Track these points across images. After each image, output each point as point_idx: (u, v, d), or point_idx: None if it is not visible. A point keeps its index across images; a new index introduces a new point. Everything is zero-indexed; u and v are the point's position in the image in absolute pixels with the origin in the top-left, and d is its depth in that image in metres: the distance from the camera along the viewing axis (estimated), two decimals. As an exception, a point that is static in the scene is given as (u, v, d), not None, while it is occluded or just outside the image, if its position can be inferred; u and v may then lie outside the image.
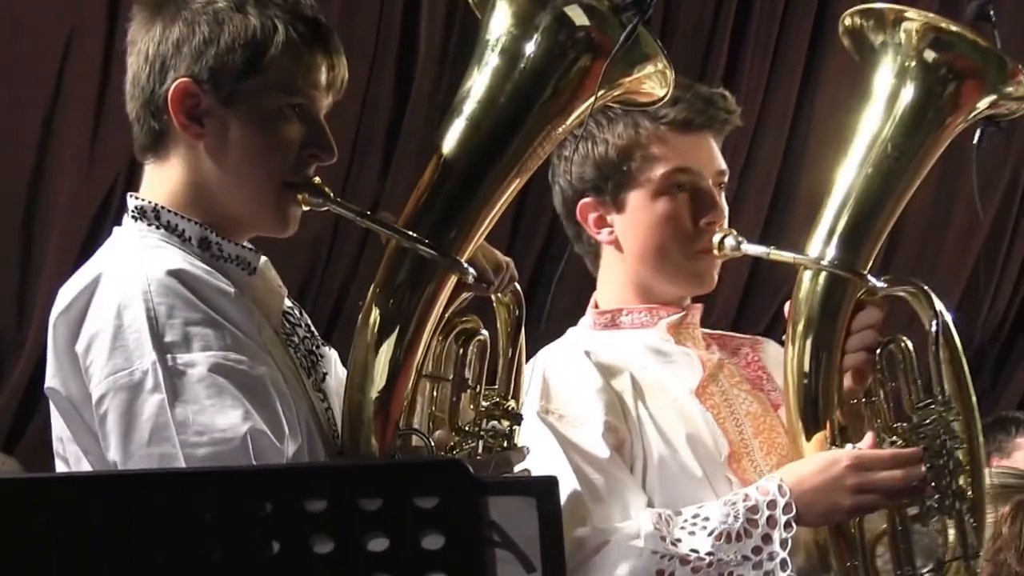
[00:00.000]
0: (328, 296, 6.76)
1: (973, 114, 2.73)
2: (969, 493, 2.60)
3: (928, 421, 2.60)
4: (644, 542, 2.49)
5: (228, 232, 2.30)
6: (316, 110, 2.29)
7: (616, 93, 2.44)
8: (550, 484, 1.67)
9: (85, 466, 2.21)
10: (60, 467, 2.28)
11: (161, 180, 2.31)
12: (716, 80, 7.27)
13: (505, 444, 2.36)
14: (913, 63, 2.68)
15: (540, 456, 2.51)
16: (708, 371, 2.72)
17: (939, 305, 2.64)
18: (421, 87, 6.77)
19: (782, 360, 2.76)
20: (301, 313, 2.48)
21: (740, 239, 2.68)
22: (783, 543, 2.50)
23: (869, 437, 2.60)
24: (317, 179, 2.29)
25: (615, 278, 2.80)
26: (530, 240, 6.80)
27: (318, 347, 2.44)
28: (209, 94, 2.24)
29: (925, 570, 2.63)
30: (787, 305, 2.68)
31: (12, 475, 2.08)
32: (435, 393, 2.41)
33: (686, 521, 2.53)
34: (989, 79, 2.69)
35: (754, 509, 2.52)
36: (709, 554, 2.49)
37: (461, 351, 2.43)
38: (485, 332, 2.46)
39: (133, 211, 2.32)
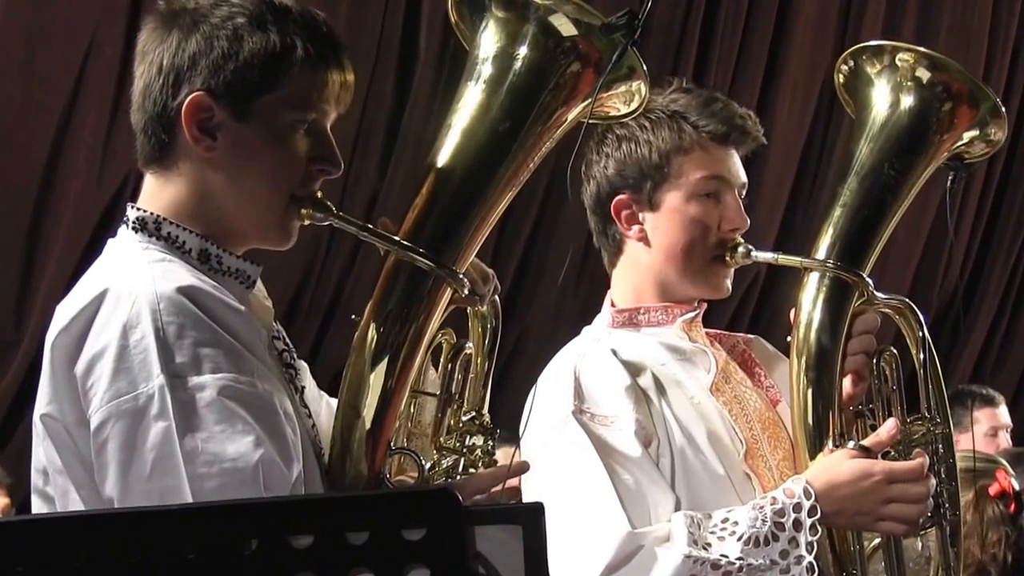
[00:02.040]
0: (327, 288, 6.70)
1: (959, 143, 2.72)
2: (954, 513, 2.61)
3: (918, 435, 2.60)
4: (677, 547, 2.40)
5: (227, 243, 2.11)
6: (325, 125, 2.14)
7: (604, 108, 2.35)
8: (535, 511, 1.54)
9: (73, 501, 1.99)
10: (38, 504, 2.07)
11: (163, 191, 2.12)
12: (687, 76, 7.29)
13: (486, 460, 2.24)
14: (910, 82, 2.69)
15: (574, 456, 2.48)
16: (720, 367, 2.67)
17: (924, 324, 2.65)
18: (420, 88, 6.76)
19: (772, 354, 2.80)
20: (278, 326, 2.28)
21: (749, 247, 2.66)
22: (809, 546, 2.43)
23: (892, 423, 2.57)
24: (320, 193, 2.14)
25: (635, 274, 2.72)
26: (514, 239, 6.83)
27: (294, 360, 2.24)
28: (223, 108, 2.07)
29: (914, 587, 2.60)
30: (792, 312, 2.67)
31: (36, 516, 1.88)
32: (411, 409, 2.28)
33: (715, 525, 2.44)
34: (981, 111, 2.70)
35: (780, 512, 2.44)
36: (739, 559, 2.40)
37: (450, 365, 2.31)
38: (470, 346, 2.34)
39: (134, 222, 2.11)
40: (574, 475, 2.47)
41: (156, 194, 2.13)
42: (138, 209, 2.12)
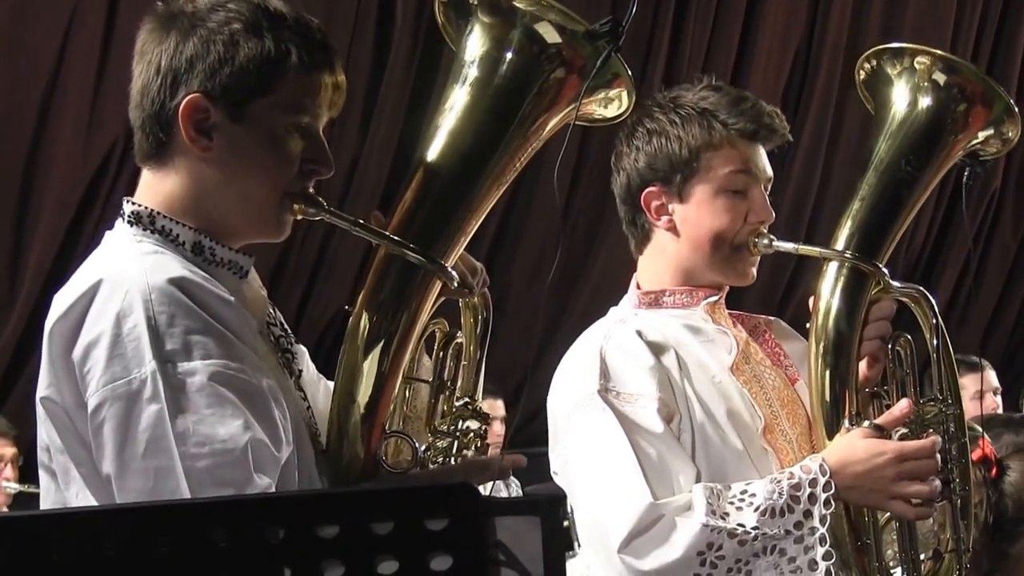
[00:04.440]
0: (311, 248, 6.72)
1: (974, 142, 2.78)
2: (964, 488, 2.67)
3: (930, 415, 2.67)
4: (696, 516, 2.46)
5: (222, 238, 2.15)
6: (318, 127, 2.17)
7: (588, 109, 2.38)
8: (554, 502, 1.57)
9: (74, 478, 2.06)
10: (44, 479, 2.12)
11: (159, 187, 2.15)
12: (663, 46, 7.33)
13: (479, 444, 2.31)
14: (927, 83, 2.74)
15: (600, 432, 2.54)
16: (740, 349, 2.73)
17: (937, 311, 2.72)
18: (398, 53, 6.76)
19: (791, 334, 2.87)
20: (275, 311, 2.33)
21: (771, 237, 2.72)
22: (822, 519, 2.49)
23: (905, 403, 2.63)
24: (312, 189, 2.18)
25: (662, 261, 2.78)
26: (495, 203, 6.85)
27: (291, 344, 2.30)
28: (219, 110, 2.10)
29: (925, 558, 2.68)
30: (812, 299, 2.74)
31: (17, 513, 1.91)
32: (407, 394, 2.33)
33: (734, 496, 2.51)
34: (995, 111, 2.75)
35: (797, 487, 2.51)
36: (755, 528, 2.47)
37: (442, 353, 2.36)
38: (461, 335, 2.40)
39: (129, 216, 2.14)
40: (600, 449, 2.54)
41: (152, 190, 2.16)
42: (133, 203, 2.16)
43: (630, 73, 2.33)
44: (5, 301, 6.17)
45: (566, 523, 5.20)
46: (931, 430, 2.65)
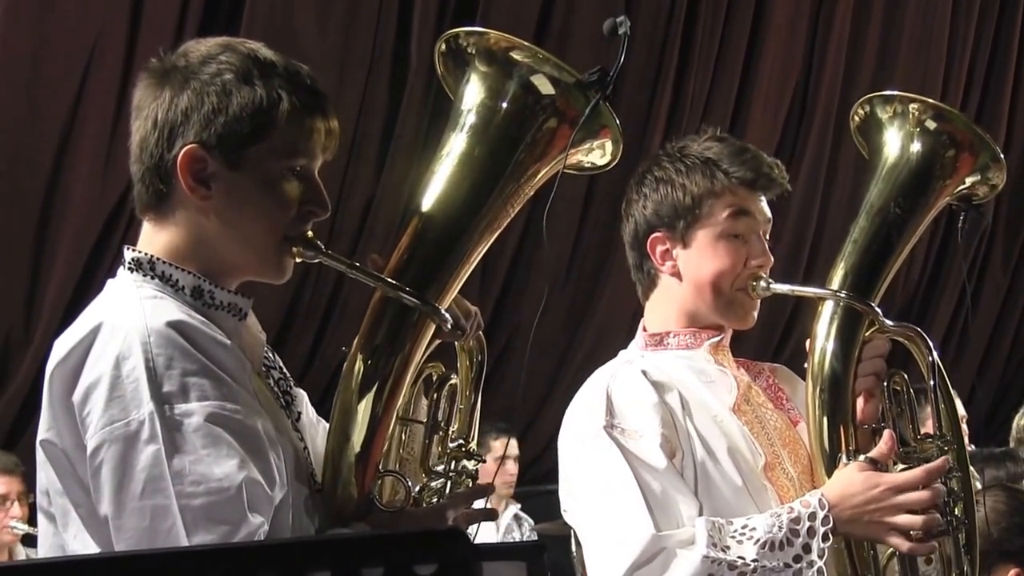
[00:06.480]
0: (325, 287, 6.70)
1: (961, 187, 2.80)
2: (965, 520, 2.65)
3: (929, 452, 2.66)
4: (698, 548, 2.48)
5: (222, 278, 2.16)
6: (313, 169, 2.18)
7: (576, 159, 2.39)
8: (538, 549, 1.56)
9: (72, 520, 2.05)
10: (42, 523, 2.12)
11: (160, 236, 2.16)
12: (668, 84, 7.35)
13: (470, 483, 2.31)
14: (917, 129, 2.76)
15: (605, 467, 2.56)
16: (742, 391, 2.75)
17: (933, 350, 2.72)
18: (413, 94, 6.77)
19: (793, 379, 2.90)
20: (274, 356, 2.34)
21: (769, 280, 2.74)
22: (820, 553, 2.51)
23: (887, 434, 2.64)
24: (310, 233, 2.18)
25: (667, 304, 2.82)
26: (504, 244, 6.84)
27: (291, 387, 2.30)
28: (216, 159, 2.10)
29: (928, 593, 2.68)
30: (808, 341, 2.75)
31: (23, 562, 1.89)
32: (404, 435, 2.33)
33: (735, 531, 2.52)
34: (980, 158, 2.77)
35: (796, 520, 2.52)
36: (754, 560, 2.48)
37: (435, 395, 2.36)
38: (455, 377, 2.40)
39: (129, 263, 2.15)
40: (605, 482, 2.57)
41: (153, 238, 2.17)
42: (134, 251, 2.17)
43: (618, 122, 2.35)
44: (22, 340, 6.17)
45: (573, 555, 5.18)
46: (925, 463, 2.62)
